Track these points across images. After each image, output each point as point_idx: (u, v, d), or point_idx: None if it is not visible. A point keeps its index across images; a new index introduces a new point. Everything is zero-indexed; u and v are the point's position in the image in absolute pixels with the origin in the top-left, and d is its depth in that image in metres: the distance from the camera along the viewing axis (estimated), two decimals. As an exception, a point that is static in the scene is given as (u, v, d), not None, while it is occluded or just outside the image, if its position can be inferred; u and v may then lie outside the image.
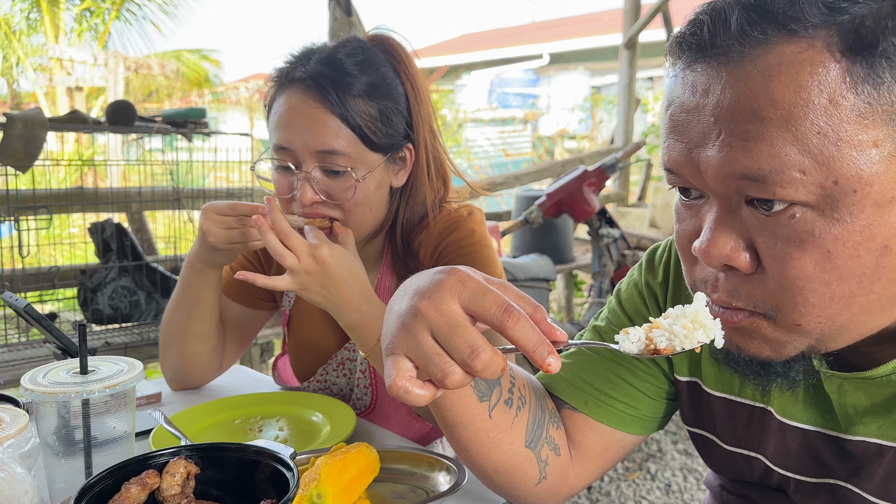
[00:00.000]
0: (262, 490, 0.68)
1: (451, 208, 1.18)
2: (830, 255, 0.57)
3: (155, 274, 2.17)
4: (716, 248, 0.61)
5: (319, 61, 1.07)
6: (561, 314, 4.60)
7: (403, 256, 1.17)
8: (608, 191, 4.97)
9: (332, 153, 1.04)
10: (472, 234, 1.15)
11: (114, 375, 0.82)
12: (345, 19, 3.24)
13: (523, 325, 0.57)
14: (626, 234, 3.35)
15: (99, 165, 4.34)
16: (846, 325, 0.61)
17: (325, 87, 1.04)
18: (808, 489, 0.74)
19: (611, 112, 10.95)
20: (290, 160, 1.07)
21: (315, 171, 1.06)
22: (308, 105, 1.05)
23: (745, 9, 0.57)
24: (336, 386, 1.27)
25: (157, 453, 0.69)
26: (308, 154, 1.05)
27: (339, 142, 1.04)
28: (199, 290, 1.17)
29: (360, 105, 1.05)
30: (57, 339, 1.42)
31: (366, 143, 1.06)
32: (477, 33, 22.65)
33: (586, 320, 3.22)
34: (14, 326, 2.12)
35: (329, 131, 1.04)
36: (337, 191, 1.07)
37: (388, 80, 1.10)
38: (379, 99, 1.07)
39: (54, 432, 0.80)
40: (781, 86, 0.55)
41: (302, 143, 1.05)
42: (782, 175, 0.56)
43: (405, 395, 0.58)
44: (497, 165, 10.00)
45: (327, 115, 1.04)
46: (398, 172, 1.14)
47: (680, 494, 2.71)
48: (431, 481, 0.88)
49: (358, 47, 1.10)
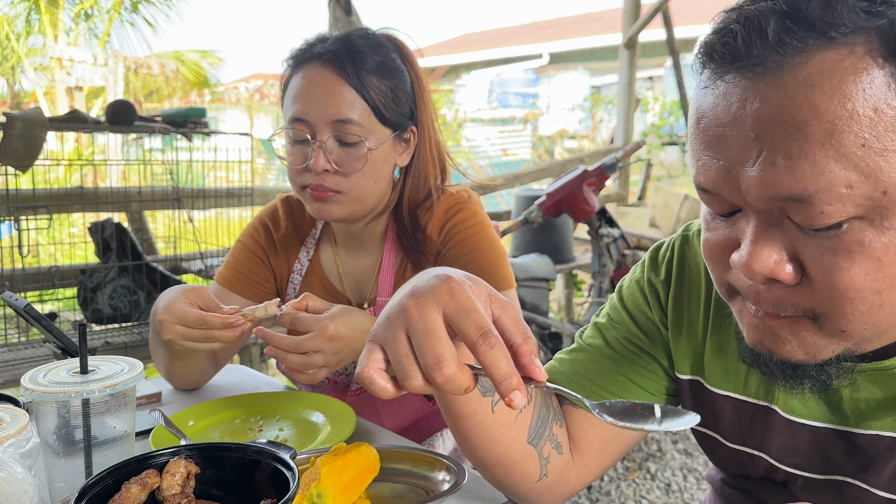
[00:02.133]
0: (263, 490, 0.68)
1: (452, 191, 1.24)
2: (881, 263, 0.56)
3: (155, 273, 2.17)
4: (759, 263, 0.58)
5: (335, 41, 1.14)
6: (561, 314, 4.60)
7: (412, 231, 1.21)
8: (608, 190, 4.97)
9: (347, 122, 1.10)
10: (476, 215, 1.21)
11: (114, 375, 0.82)
12: (345, 19, 3.24)
13: (496, 353, 0.56)
14: (625, 233, 3.35)
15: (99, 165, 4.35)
16: (889, 329, 0.61)
17: (342, 61, 1.10)
18: (815, 486, 0.74)
19: (611, 112, 10.95)
20: (307, 131, 1.12)
21: (329, 140, 1.11)
22: (326, 77, 1.11)
23: (781, 16, 0.54)
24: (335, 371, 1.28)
25: (158, 453, 0.69)
26: (324, 124, 1.10)
27: (354, 112, 1.10)
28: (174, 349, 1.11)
29: (373, 80, 1.12)
30: (57, 338, 1.42)
31: (378, 116, 1.13)
32: (477, 33, 22.66)
33: (586, 320, 3.22)
34: (14, 326, 2.13)
35: (345, 101, 1.10)
36: (348, 160, 1.12)
37: (396, 63, 1.16)
38: (389, 77, 1.14)
39: (54, 432, 0.80)
40: (825, 96, 0.53)
41: (318, 113, 1.10)
42: (829, 193, 0.53)
43: (370, 384, 0.59)
44: (497, 165, 10.01)
45: (344, 87, 1.10)
46: (402, 152, 1.20)
47: (680, 494, 2.71)
48: (431, 481, 0.88)
49: (369, 34, 1.17)
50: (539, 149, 11.25)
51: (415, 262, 1.21)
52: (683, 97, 5.25)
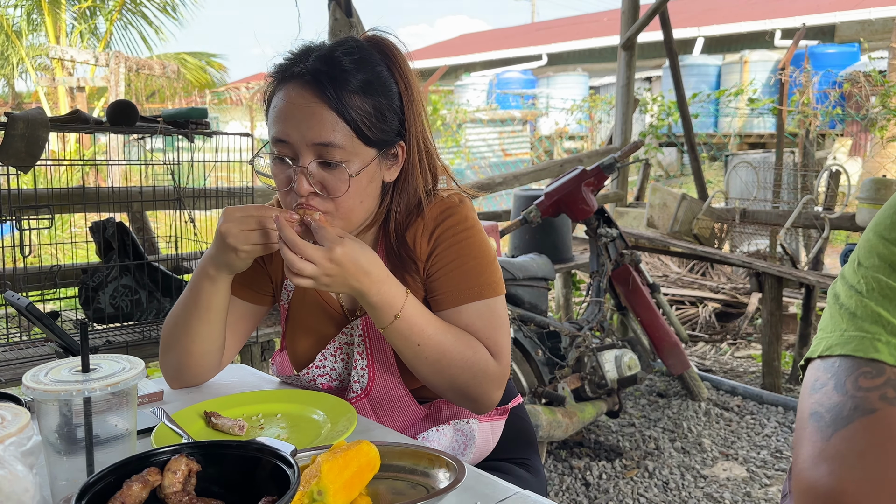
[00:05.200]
0: (264, 487, 0.68)
1: (443, 195, 1.23)
2: None
3: (156, 273, 2.18)
4: None
5: (318, 58, 1.11)
6: (559, 313, 4.61)
7: (397, 248, 1.21)
8: (606, 190, 4.97)
9: (329, 146, 1.08)
10: (466, 220, 1.20)
11: (115, 374, 0.83)
12: (345, 20, 3.25)
13: None
14: (624, 233, 3.36)
15: (100, 165, 4.35)
16: None
17: (323, 83, 1.08)
18: None
19: (609, 113, 10.95)
20: (288, 153, 1.11)
21: (311, 164, 1.10)
22: (306, 99, 1.09)
23: None
24: (335, 371, 1.29)
25: (159, 451, 0.70)
26: (305, 146, 1.09)
27: (335, 135, 1.08)
28: (209, 296, 1.19)
29: (355, 101, 1.09)
30: (59, 337, 1.42)
31: (360, 137, 1.11)
32: (476, 34, 22.64)
33: (585, 319, 3.22)
34: (16, 325, 2.13)
35: (326, 125, 1.08)
36: (332, 183, 1.11)
37: (382, 78, 1.14)
38: (374, 96, 1.11)
39: (56, 430, 0.80)
40: None
41: (299, 135, 1.09)
42: None
43: None
44: (496, 165, 10.01)
45: (324, 110, 1.08)
46: (390, 168, 1.19)
47: (678, 492, 2.72)
48: (431, 478, 0.89)
49: (355, 46, 1.14)
50: (538, 149, 11.25)
51: (400, 278, 1.21)
52: (682, 98, 5.25)
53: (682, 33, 12.89)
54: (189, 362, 1.25)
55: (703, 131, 10.78)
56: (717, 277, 5.52)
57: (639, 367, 3.05)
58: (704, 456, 3.03)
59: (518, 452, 1.37)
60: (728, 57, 12.05)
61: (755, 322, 4.88)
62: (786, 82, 7.04)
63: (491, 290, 1.19)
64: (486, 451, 1.32)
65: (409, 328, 1.11)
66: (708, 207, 4.16)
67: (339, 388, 1.29)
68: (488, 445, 1.32)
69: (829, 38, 12.78)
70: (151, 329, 2.13)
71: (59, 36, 10.40)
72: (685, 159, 11.05)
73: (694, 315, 4.97)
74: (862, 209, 3.65)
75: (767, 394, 3.64)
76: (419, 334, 1.12)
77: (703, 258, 4.19)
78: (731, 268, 5.45)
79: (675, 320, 3.51)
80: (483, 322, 1.18)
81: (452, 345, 1.13)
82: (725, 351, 4.56)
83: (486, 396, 1.17)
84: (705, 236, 4.16)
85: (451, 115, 10.09)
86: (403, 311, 1.10)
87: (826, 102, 8.11)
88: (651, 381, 3.89)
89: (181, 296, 1.24)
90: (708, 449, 3.09)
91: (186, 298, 1.22)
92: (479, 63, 16.85)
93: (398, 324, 1.10)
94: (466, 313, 1.18)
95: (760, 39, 12.58)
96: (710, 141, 10.73)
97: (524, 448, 1.39)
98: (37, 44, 10.90)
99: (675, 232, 4.13)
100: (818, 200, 4.36)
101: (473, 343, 1.16)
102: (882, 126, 6.93)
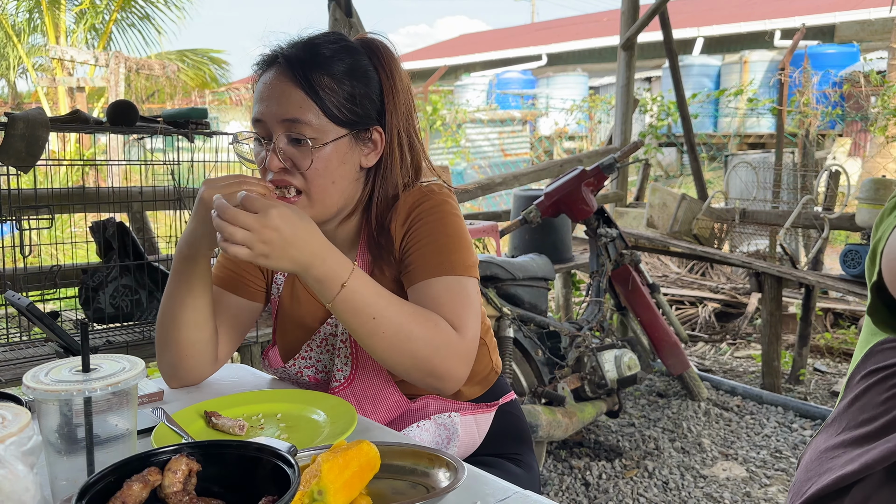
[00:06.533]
0: (264, 487, 0.69)
1: (423, 185, 1.24)
2: None
3: (156, 273, 2.18)
4: None
5: (296, 45, 1.18)
6: (559, 313, 4.61)
7: (377, 236, 1.22)
8: (606, 190, 4.97)
9: (295, 122, 1.13)
10: (441, 204, 1.20)
11: (116, 373, 0.83)
12: (345, 20, 3.25)
13: None
14: (623, 233, 3.36)
15: (100, 165, 4.35)
16: None
17: (295, 66, 1.14)
18: None
19: (609, 113, 10.95)
20: (263, 132, 1.16)
21: (280, 139, 1.14)
22: (279, 80, 1.14)
23: None
24: (320, 363, 1.30)
25: (159, 451, 0.70)
26: (276, 123, 1.14)
27: (303, 112, 1.13)
28: (189, 279, 1.19)
29: (325, 81, 1.14)
30: (59, 337, 1.43)
31: (328, 115, 1.14)
32: (476, 34, 22.64)
33: (584, 319, 3.22)
34: (16, 325, 2.13)
35: (293, 102, 1.13)
36: (299, 157, 1.14)
37: (360, 66, 1.18)
38: (349, 80, 1.16)
39: (56, 430, 0.80)
40: None
41: (271, 113, 1.14)
42: None
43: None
44: (496, 165, 10.01)
45: (292, 88, 1.13)
46: (368, 154, 1.21)
47: (678, 492, 2.72)
48: (431, 478, 0.89)
49: (338, 38, 1.20)
50: (538, 149, 11.25)
51: (379, 268, 1.21)
52: (681, 98, 5.25)
53: (682, 33, 12.90)
54: (181, 354, 1.24)
55: (702, 131, 10.79)
56: (716, 277, 5.52)
57: (638, 367, 3.06)
58: (704, 456, 3.03)
59: (509, 448, 1.37)
60: (728, 57, 12.06)
61: (755, 322, 4.89)
62: (785, 82, 7.04)
63: (463, 269, 1.16)
64: (472, 445, 1.31)
65: (360, 300, 1.06)
66: (707, 207, 4.17)
67: (326, 381, 1.30)
68: (474, 440, 1.31)
69: (828, 38, 12.79)
70: (151, 329, 2.14)
71: (59, 36, 10.40)
72: (685, 159, 11.05)
73: (694, 315, 4.97)
74: (861, 209, 3.64)
75: (767, 394, 3.64)
76: (373, 306, 1.07)
77: (702, 258, 4.20)
78: (731, 268, 5.45)
79: (674, 320, 3.52)
80: (450, 297, 1.14)
81: (411, 316, 1.09)
82: (725, 351, 4.56)
83: (451, 372, 1.12)
84: (705, 236, 4.16)
85: (451, 116, 10.09)
86: (350, 282, 1.05)
87: (826, 102, 8.11)
88: (651, 381, 3.90)
89: (166, 287, 1.23)
90: (707, 449, 3.09)
91: (170, 286, 1.22)
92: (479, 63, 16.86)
93: (346, 294, 1.05)
94: (436, 287, 1.14)
95: (760, 39, 12.59)
96: (709, 141, 10.73)
97: (516, 443, 1.38)
98: (37, 44, 10.90)
99: (675, 232, 4.14)
100: (818, 200, 4.35)
101: (433, 317, 1.11)
102: (882, 126, 6.93)
